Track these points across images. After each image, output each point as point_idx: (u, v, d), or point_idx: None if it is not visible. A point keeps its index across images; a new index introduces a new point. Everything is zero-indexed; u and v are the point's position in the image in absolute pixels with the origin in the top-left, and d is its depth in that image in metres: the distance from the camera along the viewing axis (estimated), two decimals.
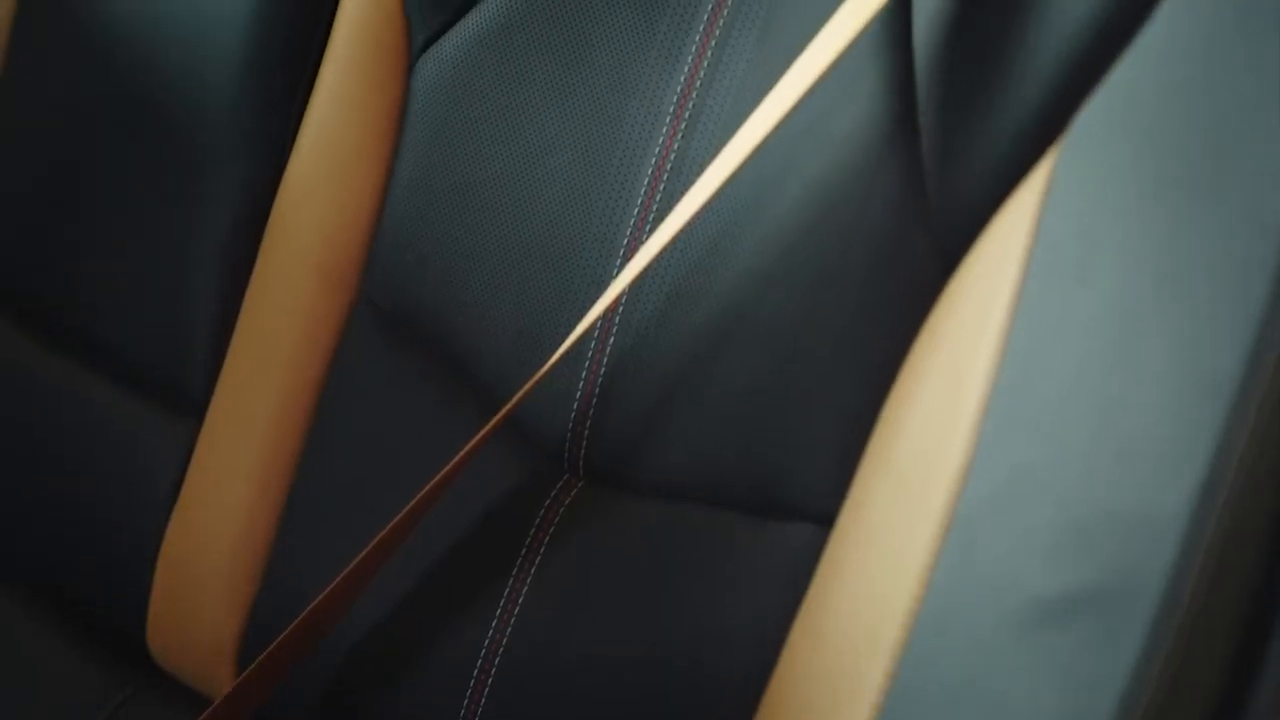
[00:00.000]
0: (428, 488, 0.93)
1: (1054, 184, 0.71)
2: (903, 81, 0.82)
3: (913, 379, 0.79)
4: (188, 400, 1.11)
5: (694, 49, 0.92)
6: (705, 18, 0.92)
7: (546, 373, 0.91)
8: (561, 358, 0.91)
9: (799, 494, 0.87)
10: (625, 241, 0.92)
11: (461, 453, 0.92)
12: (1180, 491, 0.60)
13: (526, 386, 0.91)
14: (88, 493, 1.14)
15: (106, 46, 1.11)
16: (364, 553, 0.94)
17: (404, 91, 1.03)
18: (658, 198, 0.92)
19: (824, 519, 0.86)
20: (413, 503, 0.93)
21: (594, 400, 0.93)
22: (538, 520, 0.96)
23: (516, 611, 0.95)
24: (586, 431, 0.93)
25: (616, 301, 0.91)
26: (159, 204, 1.10)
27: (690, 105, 0.91)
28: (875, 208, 0.82)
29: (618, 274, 0.92)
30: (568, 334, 0.91)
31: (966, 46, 0.78)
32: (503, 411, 0.92)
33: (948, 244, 0.79)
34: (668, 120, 0.92)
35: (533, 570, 0.95)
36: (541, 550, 0.95)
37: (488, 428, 0.92)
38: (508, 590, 0.96)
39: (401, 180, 1.02)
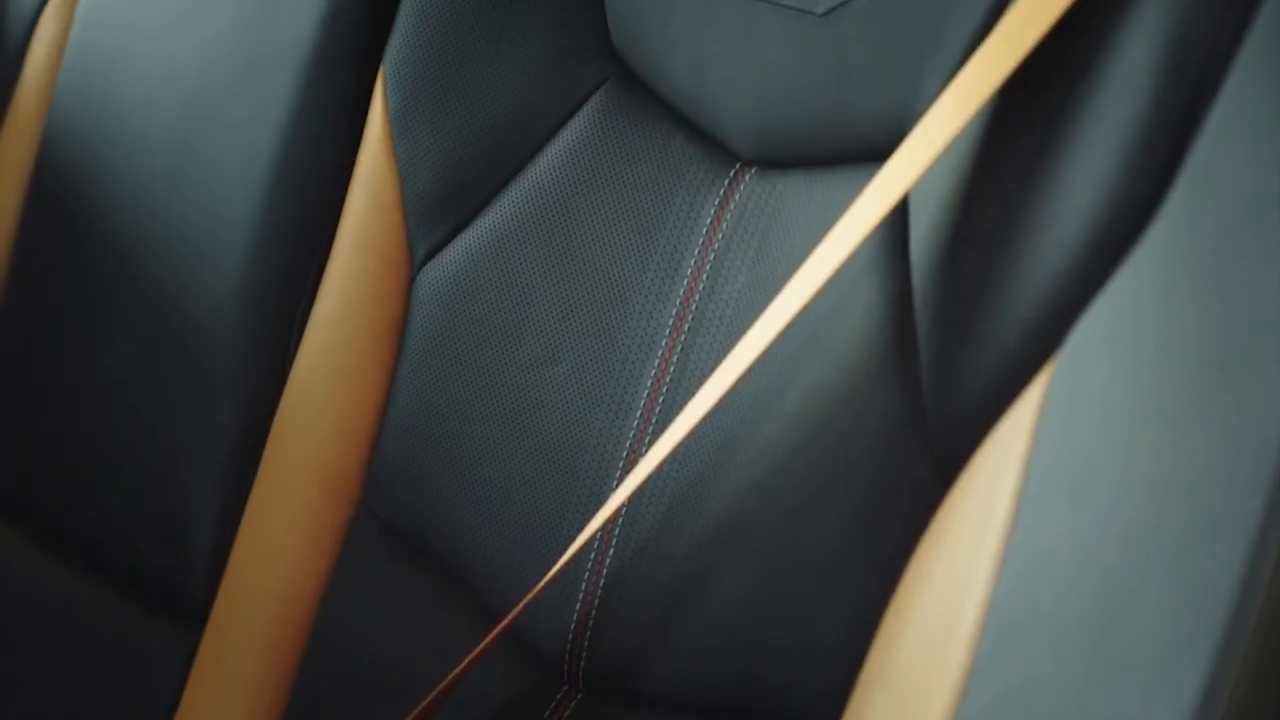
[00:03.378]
0: (427, 700, 0.93)
1: (1050, 398, 0.71)
2: (901, 294, 0.83)
3: (911, 591, 0.78)
4: (189, 608, 1.11)
5: (693, 261, 0.93)
6: (704, 231, 0.93)
7: (545, 585, 0.91)
8: (561, 570, 0.90)
9: (799, 705, 0.86)
10: (625, 453, 0.93)
11: (460, 666, 0.92)
12: (1178, 706, 0.60)
13: (524, 601, 0.91)
14: (87, 701, 1.13)
15: (108, 261, 1.13)
16: None
17: (405, 303, 1.04)
18: (657, 409, 0.92)
19: None
20: (413, 715, 0.93)
21: (593, 613, 0.92)
22: None
23: None
24: (586, 644, 0.93)
25: (616, 514, 0.91)
26: (161, 414, 1.10)
27: (690, 317, 0.92)
28: (873, 420, 0.82)
29: (617, 486, 0.92)
30: (567, 546, 0.91)
31: (963, 260, 0.79)
32: (500, 626, 0.91)
33: (945, 456, 0.79)
34: (667, 332, 0.93)
35: None
36: None
37: (485, 642, 0.92)
38: None
39: (402, 391, 1.03)
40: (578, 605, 0.93)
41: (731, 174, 0.93)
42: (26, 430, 1.18)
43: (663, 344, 0.93)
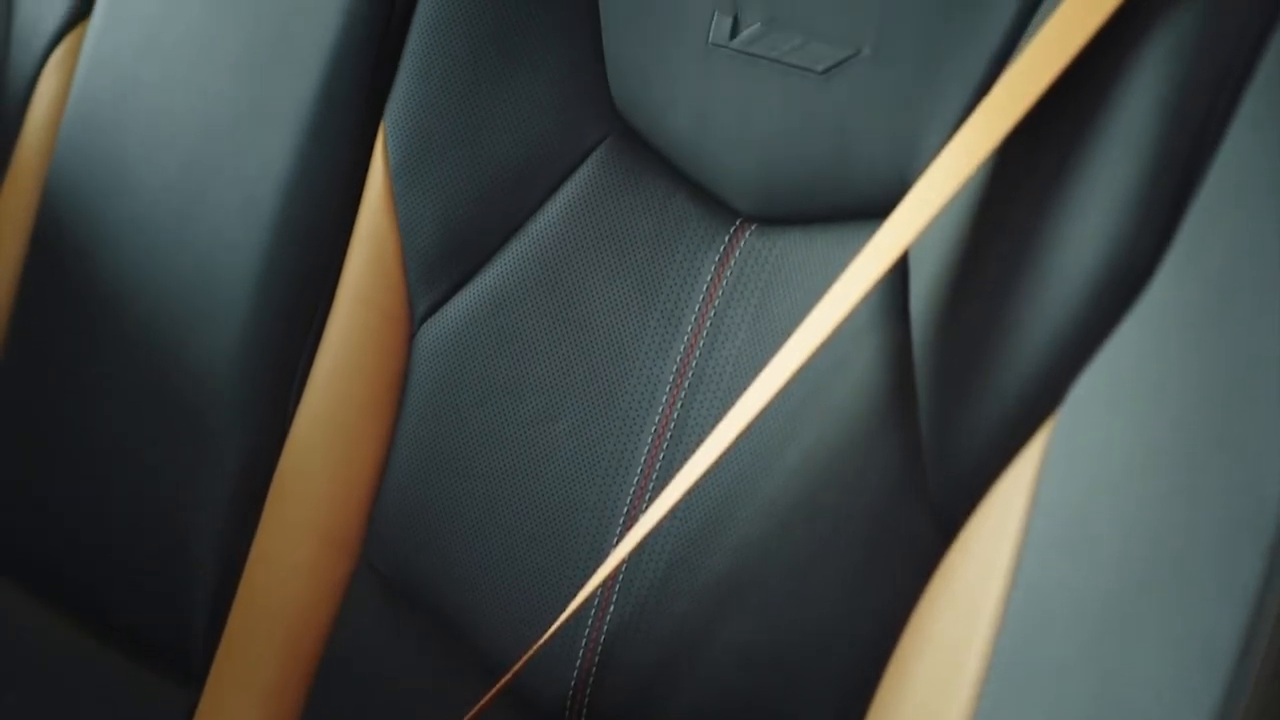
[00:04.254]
0: None
1: (1050, 455, 0.71)
2: (900, 352, 0.83)
3: (913, 648, 0.78)
4: (188, 663, 1.10)
5: (693, 318, 0.93)
6: (705, 287, 0.93)
7: (545, 642, 0.91)
8: (561, 627, 0.90)
9: None
10: (625, 509, 0.93)
11: None
12: None
13: (525, 658, 0.91)
14: None
15: (109, 318, 1.13)
16: None
17: (406, 359, 1.04)
18: (658, 466, 0.92)
19: None
20: None
21: (594, 668, 0.92)
22: None
23: None
24: (586, 699, 0.93)
25: (616, 571, 0.91)
26: (161, 469, 1.10)
27: (690, 374, 0.92)
28: (872, 478, 0.82)
29: (617, 542, 0.92)
30: (568, 602, 0.91)
31: (963, 317, 0.79)
32: (501, 682, 0.91)
33: (945, 514, 0.79)
34: (667, 389, 0.93)
35: None
36: None
37: (486, 698, 0.91)
38: None
39: (403, 447, 1.03)
40: (578, 661, 0.92)
41: (732, 231, 0.94)
42: (27, 487, 1.18)
43: (663, 401, 0.93)
